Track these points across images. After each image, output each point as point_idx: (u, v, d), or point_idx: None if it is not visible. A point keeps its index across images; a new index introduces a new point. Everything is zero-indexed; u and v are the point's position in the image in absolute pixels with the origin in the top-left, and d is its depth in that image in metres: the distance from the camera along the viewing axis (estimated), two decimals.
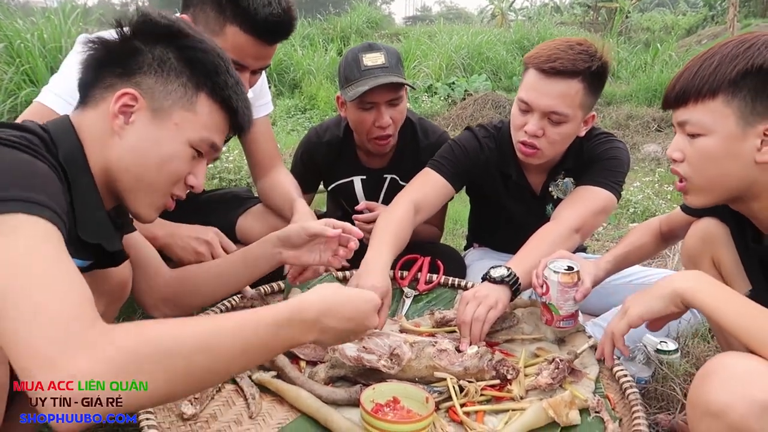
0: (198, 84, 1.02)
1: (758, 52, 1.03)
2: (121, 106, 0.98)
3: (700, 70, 1.09)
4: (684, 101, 1.12)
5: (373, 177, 2.07)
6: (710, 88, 1.07)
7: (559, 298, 1.39)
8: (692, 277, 1.09)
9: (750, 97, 1.04)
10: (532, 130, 1.64)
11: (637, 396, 1.24)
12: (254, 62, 1.50)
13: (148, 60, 1.00)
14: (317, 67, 7.64)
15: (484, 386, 1.29)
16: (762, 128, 1.04)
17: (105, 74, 1.00)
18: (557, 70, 1.58)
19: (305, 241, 1.34)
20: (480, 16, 20.92)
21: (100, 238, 1.00)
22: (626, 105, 6.42)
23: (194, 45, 1.02)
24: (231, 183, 3.61)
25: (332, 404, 1.23)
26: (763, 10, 13.92)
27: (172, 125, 1.00)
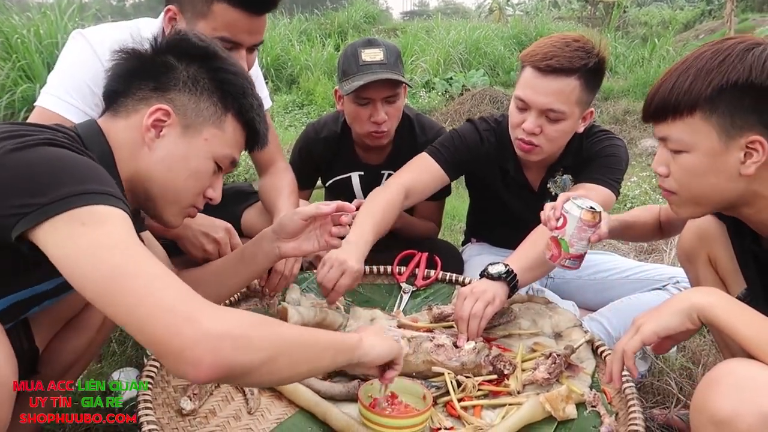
0: (227, 104, 1.09)
1: (732, 67, 1.01)
2: (154, 120, 1.03)
3: (675, 85, 1.06)
4: (662, 117, 1.10)
5: (370, 173, 2.08)
6: (687, 105, 1.05)
7: (574, 234, 1.32)
8: (710, 293, 1.06)
9: (728, 112, 1.02)
10: (530, 128, 1.65)
11: (634, 390, 1.25)
12: (248, 37, 1.48)
13: (183, 78, 1.06)
14: (315, 63, 7.61)
15: (481, 381, 1.30)
16: (744, 141, 1.02)
17: (137, 86, 1.05)
18: (553, 68, 1.58)
19: (301, 227, 1.32)
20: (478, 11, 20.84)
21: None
22: (624, 100, 6.41)
23: (226, 68, 1.09)
24: (229, 178, 3.61)
25: (330, 399, 1.24)
26: (760, 4, 13.91)
27: (202, 141, 1.07)
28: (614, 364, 1.13)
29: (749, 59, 1.01)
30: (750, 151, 1.03)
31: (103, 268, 0.76)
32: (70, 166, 0.83)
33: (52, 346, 1.21)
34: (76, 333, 1.22)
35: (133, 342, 1.66)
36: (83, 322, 1.22)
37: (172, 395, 1.24)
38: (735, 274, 1.28)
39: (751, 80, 1.00)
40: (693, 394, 1.48)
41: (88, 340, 1.23)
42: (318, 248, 1.35)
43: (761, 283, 1.20)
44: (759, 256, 1.18)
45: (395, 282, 1.75)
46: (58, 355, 1.21)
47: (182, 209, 1.11)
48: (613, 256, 2.11)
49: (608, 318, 1.79)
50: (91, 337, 1.23)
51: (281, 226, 1.32)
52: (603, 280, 1.98)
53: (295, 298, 1.58)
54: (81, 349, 1.23)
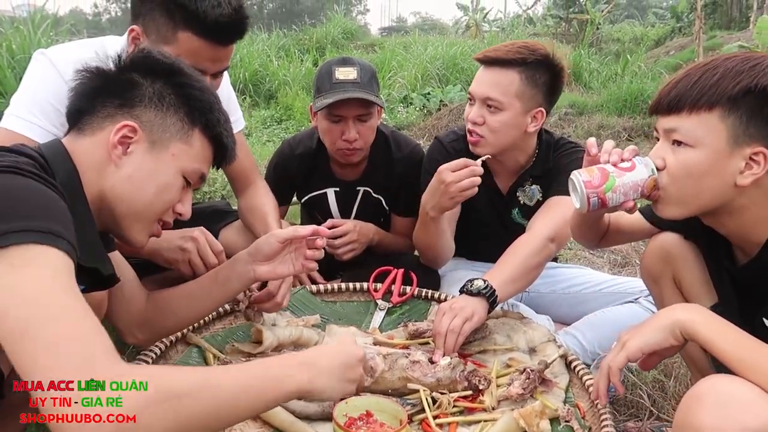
0: (193, 120, 1.09)
1: (763, 72, 1.01)
2: (120, 137, 1.02)
3: (700, 80, 1.05)
4: (678, 109, 1.08)
5: (346, 189, 2.08)
6: (708, 100, 1.04)
7: (627, 185, 1.14)
8: (692, 309, 1.06)
9: (746, 116, 1.02)
10: (473, 118, 1.74)
11: (606, 404, 1.26)
12: (211, 65, 1.48)
13: (149, 94, 1.05)
14: (293, 78, 7.62)
15: (456, 398, 1.31)
16: (750, 151, 1.02)
17: (102, 104, 1.04)
18: (492, 59, 1.71)
19: (277, 250, 1.32)
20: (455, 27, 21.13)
21: (97, 262, 1.02)
22: (597, 115, 6.52)
23: (191, 83, 1.10)
24: (206, 195, 3.58)
25: (305, 419, 1.23)
26: (727, 22, 14.34)
27: (170, 156, 1.06)
28: (600, 380, 1.13)
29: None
30: (751, 163, 1.03)
31: (8, 320, 0.72)
32: (18, 199, 0.80)
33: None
34: None
35: None
36: None
37: None
38: (700, 293, 1.29)
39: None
40: (665, 407, 1.51)
41: None
42: (293, 271, 1.35)
43: (738, 300, 1.20)
44: (734, 275, 1.19)
45: (371, 299, 1.75)
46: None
47: (149, 225, 1.10)
48: (587, 270, 2.14)
49: (582, 332, 1.81)
50: None
51: (257, 249, 1.32)
52: (577, 294, 2.00)
53: (271, 317, 1.57)
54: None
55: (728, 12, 14.70)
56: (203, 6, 1.41)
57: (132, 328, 1.31)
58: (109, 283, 1.10)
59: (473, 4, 16.87)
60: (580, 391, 1.36)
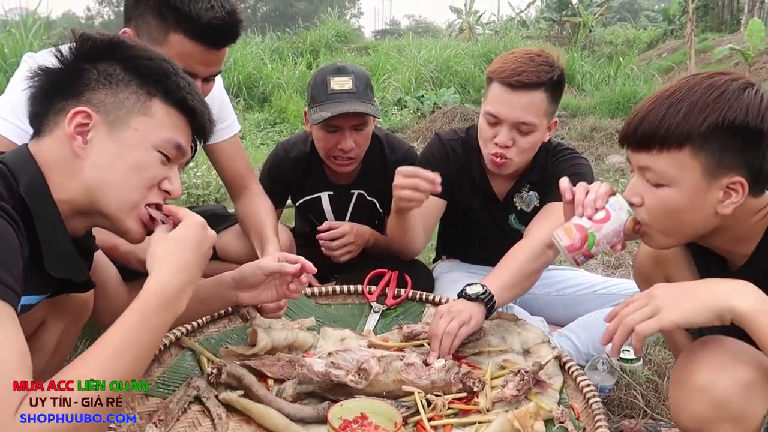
0: (149, 90, 1.02)
1: (729, 106, 1.00)
2: (75, 126, 0.97)
3: (666, 117, 1.03)
4: (647, 147, 1.06)
5: (340, 192, 2.08)
6: (678, 139, 1.02)
7: (608, 235, 1.15)
8: (750, 295, 0.95)
9: (718, 151, 1.01)
10: (503, 142, 1.70)
11: (600, 405, 1.26)
12: (204, 69, 1.47)
13: (94, 77, 1.00)
14: (287, 81, 7.64)
15: (451, 400, 1.31)
16: (726, 181, 1.02)
17: (54, 101, 1.00)
18: (523, 83, 1.64)
19: (262, 281, 1.32)
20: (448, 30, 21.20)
21: (68, 272, 1.00)
22: (590, 117, 6.56)
23: (138, 54, 1.03)
24: (199, 198, 3.58)
25: (300, 422, 1.22)
26: (718, 24, 14.45)
27: (132, 132, 1.00)
28: (619, 336, 1.01)
29: (745, 99, 1.01)
30: (729, 192, 1.03)
31: None
32: None
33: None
34: None
35: None
36: (36, 345, 1.16)
37: (137, 422, 1.22)
38: None
39: (747, 121, 1.00)
40: (658, 406, 1.52)
41: (42, 365, 1.17)
42: (276, 297, 1.35)
43: None
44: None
45: (366, 301, 1.75)
46: None
47: (134, 209, 1.03)
48: (581, 272, 2.15)
49: (577, 333, 1.82)
50: (44, 361, 1.18)
51: (242, 278, 1.31)
52: (571, 296, 2.01)
53: (266, 321, 1.57)
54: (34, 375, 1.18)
55: (719, 15, 14.81)
56: (196, 8, 1.40)
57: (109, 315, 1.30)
58: (83, 289, 1.09)
59: (466, 7, 16.94)
60: (575, 392, 1.36)
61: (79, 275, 1.02)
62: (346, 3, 34.56)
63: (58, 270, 0.96)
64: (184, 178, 3.66)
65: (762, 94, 1.02)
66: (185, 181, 3.67)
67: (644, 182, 1.10)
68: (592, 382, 1.37)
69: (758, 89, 1.03)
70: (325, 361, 1.31)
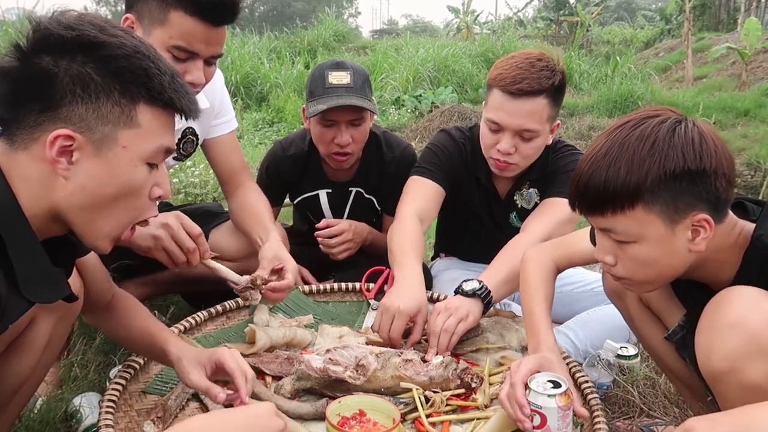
0: (132, 96, 0.91)
1: (665, 155, 1.00)
2: (58, 149, 0.87)
3: (608, 179, 1.03)
4: (600, 211, 1.06)
5: (338, 190, 2.09)
6: (627, 199, 1.02)
7: (561, 426, 1.12)
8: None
9: (670, 198, 1.01)
10: (506, 149, 1.69)
11: (598, 401, 1.26)
12: (205, 48, 1.46)
13: (68, 85, 0.88)
14: (284, 80, 7.62)
15: (449, 396, 1.31)
16: (689, 221, 1.02)
17: (23, 111, 0.89)
18: (524, 91, 1.63)
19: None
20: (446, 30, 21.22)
21: (46, 295, 0.94)
22: (588, 116, 6.57)
23: (114, 53, 0.90)
24: (197, 197, 3.57)
25: (298, 419, 1.23)
26: (715, 23, 14.48)
27: (121, 150, 0.91)
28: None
29: (678, 143, 1.00)
30: (697, 228, 1.03)
31: None
32: None
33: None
34: (19, 355, 1.13)
35: (96, 366, 1.62)
36: (26, 342, 1.13)
37: (135, 419, 1.22)
38: (669, 308, 1.27)
39: (687, 166, 1.00)
40: (655, 404, 1.52)
41: (34, 362, 1.15)
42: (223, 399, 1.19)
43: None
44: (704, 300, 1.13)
45: (363, 298, 1.76)
46: (0, 381, 1.12)
47: (117, 230, 0.97)
48: (579, 269, 2.14)
49: (575, 330, 1.82)
50: (36, 358, 1.15)
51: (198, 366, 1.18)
52: (569, 293, 2.01)
53: (264, 319, 1.57)
54: (26, 373, 1.15)
55: (716, 14, 14.84)
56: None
57: (96, 319, 1.29)
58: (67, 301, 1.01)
59: (464, 7, 16.94)
60: (573, 389, 1.36)
61: (58, 295, 0.96)
62: (343, 2, 34.56)
63: (34, 295, 0.91)
64: (182, 177, 3.65)
65: (692, 131, 1.02)
66: (183, 180, 3.66)
67: (611, 241, 1.09)
68: (590, 379, 1.37)
69: (686, 126, 1.02)
70: (324, 357, 1.32)
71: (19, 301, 0.90)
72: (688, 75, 8.47)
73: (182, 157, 1.81)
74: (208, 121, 1.79)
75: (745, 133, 5.48)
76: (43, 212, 0.91)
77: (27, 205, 0.89)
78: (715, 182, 1.01)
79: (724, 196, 1.03)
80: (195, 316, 1.54)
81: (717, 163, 1.01)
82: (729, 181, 1.03)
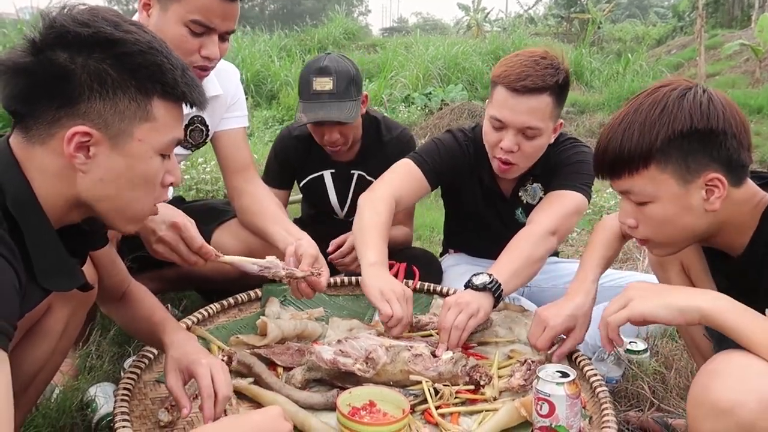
0: (148, 91, 0.94)
1: (673, 117, 1.07)
2: (76, 145, 0.90)
3: (623, 141, 1.11)
4: (619, 174, 1.14)
5: (341, 171, 2.16)
6: (640, 159, 1.09)
7: (569, 415, 1.14)
8: (722, 300, 1.04)
9: (681, 158, 1.07)
10: (508, 146, 1.69)
11: (607, 394, 1.27)
12: (221, 23, 1.48)
13: (85, 81, 0.89)
14: (294, 78, 7.64)
15: (458, 389, 1.32)
16: (702, 181, 1.08)
17: (40, 107, 0.90)
18: (528, 88, 1.63)
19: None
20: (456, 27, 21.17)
21: (61, 284, 0.98)
22: (599, 113, 6.55)
23: (130, 49, 0.92)
24: (208, 194, 3.60)
25: (309, 409, 1.24)
26: (728, 20, 14.34)
27: (137, 143, 0.95)
28: (601, 331, 1.18)
29: (686, 106, 1.07)
30: (711, 188, 1.08)
31: None
32: None
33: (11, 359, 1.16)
34: (35, 342, 1.16)
35: (111, 357, 1.65)
36: (43, 329, 1.15)
37: (149, 408, 1.24)
38: (707, 281, 1.30)
39: (694, 126, 1.06)
40: (666, 397, 1.52)
41: (50, 349, 1.17)
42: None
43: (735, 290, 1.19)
44: (727, 271, 1.22)
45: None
46: (18, 368, 1.12)
47: (140, 214, 1.02)
48: None
49: None
50: (52, 345, 1.17)
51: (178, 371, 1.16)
52: None
53: (275, 311, 1.59)
54: (42, 359, 1.17)
55: (730, 10, 14.69)
56: None
57: (111, 310, 1.31)
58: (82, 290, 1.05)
59: (474, 4, 16.90)
60: (581, 382, 1.37)
61: (73, 284, 0.99)
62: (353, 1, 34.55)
63: (50, 283, 0.95)
64: (193, 173, 3.68)
65: (701, 96, 1.08)
66: (194, 176, 3.69)
67: (631, 204, 1.16)
68: (599, 373, 1.38)
69: (696, 92, 1.08)
70: (334, 348, 1.33)
71: (36, 290, 0.93)
72: (701, 72, 8.40)
73: (190, 145, 1.81)
74: (221, 113, 1.80)
75: (758, 130, 5.44)
76: (59, 203, 0.94)
77: (44, 196, 0.92)
78: (725, 142, 1.06)
79: (737, 157, 1.08)
80: (207, 308, 1.56)
81: (725, 123, 1.06)
82: (740, 143, 1.08)
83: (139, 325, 1.27)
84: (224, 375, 1.13)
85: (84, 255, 1.08)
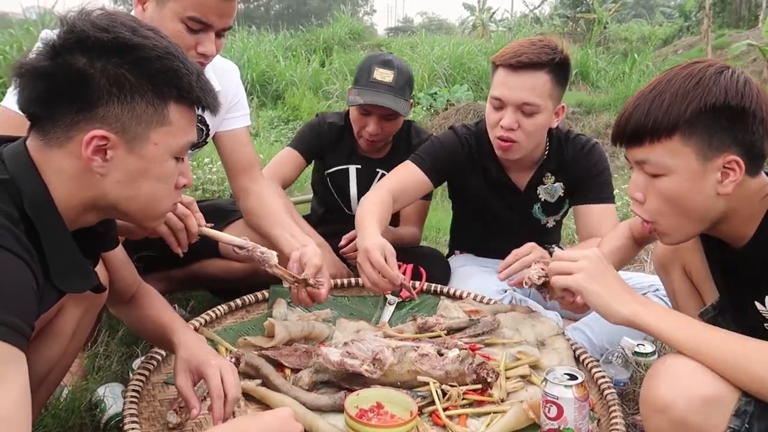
0: (164, 96, 0.96)
1: (708, 90, 1.05)
2: (93, 149, 0.92)
3: (651, 109, 1.08)
4: (639, 141, 1.11)
5: (367, 167, 2.19)
6: (666, 129, 1.07)
7: (577, 417, 1.14)
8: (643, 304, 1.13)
9: (706, 133, 1.05)
10: (508, 124, 1.72)
11: (615, 397, 1.27)
12: (218, 20, 1.48)
13: (104, 86, 0.91)
14: (300, 78, 7.66)
15: (466, 390, 1.32)
16: (721, 161, 1.06)
17: (59, 110, 0.92)
18: (524, 64, 1.68)
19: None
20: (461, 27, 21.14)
21: (76, 285, 0.99)
22: (605, 114, 6.52)
23: (148, 55, 0.93)
24: (215, 194, 3.61)
25: (317, 411, 1.24)
26: (735, 20, 14.25)
27: (152, 146, 0.97)
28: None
29: (723, 82, 1.05)
30: (727, 171, 1.06)
31: None
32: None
33: None
34: (47, 342, 1.16)
35: (119, 357, 1.66)
36: (55, 330, 1.16)
37: (158, 409, 1.25)
38: (708, 283, 1.31)
39: (727, 102, 1.04)
40: None
41: (61, 350, 1.18)
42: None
43: (727, 288, 1.24)
44: (725, 263, 1.22)
45: (381, 294, 1.77)
46: (29, 368, 1.14)
47: (161, 211, 1.05)
48: None
49: (591, 326, 1.82)
50: (63, 345, 1.18)
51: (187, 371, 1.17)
52: None
53: (282, 312, 1.59)
54: (53, 360, 1.18)
55: (737, 10, 14.61)
56: None
57: (120, 312, 1.32)
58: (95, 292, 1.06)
59: (480, 4, 16.87)
60: (589, 384, 1.37)
61: (87, 285, 1.01)
62: (359, 0, 34.58)
63: (65, 284, 0.96)
64: (200, 173, 3.69)
65: (738, 75, 1.07)
66: (200, 177, 3.70)
67: (643, 176, 1.13)
68: (607, 375, 1.37)
69: (734, 71, 1.07)
70: (341, 350, 1.33)
71: (52, 291, 0.94)
72: None
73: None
74: (222, 113, 1.80)
75: None
76: (75, 205, 0.96)
77: (60, 198, 0.93)
78: (753, 125, 1.05)
79: (759, 144, 1.07)
80: (215, 309, 1.57)
81: (756, 106, 1.05)
82: (766, 131, 1.06)
83: (148, 326, 1.27)
84: (234, 376, 1.13)
85: (96, 256, 1.10)
